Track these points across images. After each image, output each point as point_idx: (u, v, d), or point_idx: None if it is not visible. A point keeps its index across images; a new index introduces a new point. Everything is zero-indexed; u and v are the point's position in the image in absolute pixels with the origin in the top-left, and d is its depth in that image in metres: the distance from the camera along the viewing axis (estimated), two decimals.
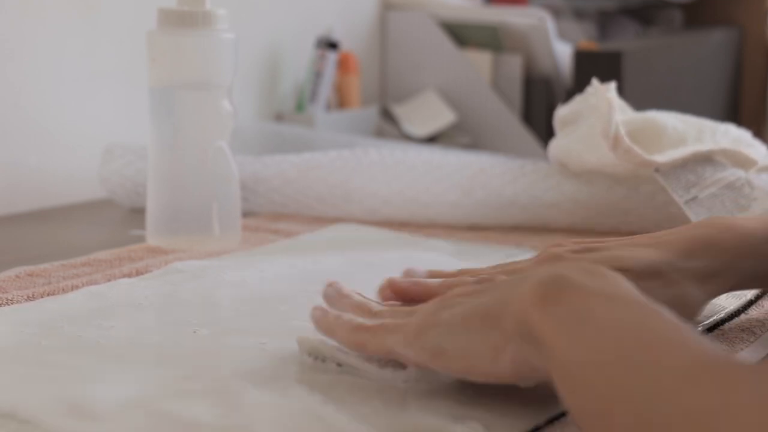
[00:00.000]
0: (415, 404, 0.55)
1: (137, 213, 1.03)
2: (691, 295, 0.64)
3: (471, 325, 0.53)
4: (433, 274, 0.69)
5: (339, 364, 0.59)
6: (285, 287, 0.76)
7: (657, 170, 0.92)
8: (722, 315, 0.71)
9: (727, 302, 0.73)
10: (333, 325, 0.60)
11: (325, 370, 0.59)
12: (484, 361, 0.52)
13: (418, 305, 0.59)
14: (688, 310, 0.64)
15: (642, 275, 0.61)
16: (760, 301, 0.75)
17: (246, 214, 0.99)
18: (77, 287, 0.76)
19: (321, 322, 0.61)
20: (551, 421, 0.54)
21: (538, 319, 0.48)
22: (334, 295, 0.64)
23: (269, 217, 1.02)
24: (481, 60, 1.60)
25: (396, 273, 0.69)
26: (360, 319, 0.59)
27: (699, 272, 0.64)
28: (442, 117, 1.59)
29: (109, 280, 0.78)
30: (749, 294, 0.75)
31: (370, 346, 0.58)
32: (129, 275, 0.80)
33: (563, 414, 0.54)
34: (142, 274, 0.80)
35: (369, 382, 0.58)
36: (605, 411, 0.44)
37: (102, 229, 1.03)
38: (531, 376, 0.52)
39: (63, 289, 0.75)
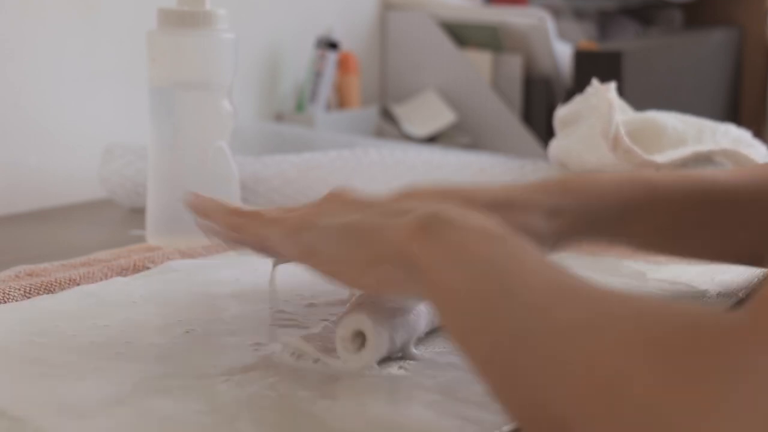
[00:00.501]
0: (405, 400, 0.55)
1: (137, 213, 1.03)
2: (537, 226, 0.66)
3: (347, 236, 0.58)
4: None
5: (315, 361, 0.60)
6: (279, 286, 0.76)
7: (657, 170, 0.92)
8: None
9: (718, 301, 0.74)
10: (209, 207, 0.63)
11: (320, 369, 0.59)
12: (352, 271, 0.57)
13: (297, 207, 0.64)
14: (534, 240, 0.65)
15: (489, 205, 0.64)
16: None
17: None
18: (76, 287, 0.76)
19: (196, 204, 0.64)
20: None
21: (418, 249, 0.53)
22: (200, 202, 0.66)
23: None
24: (481, 60, 1.60)
25: None
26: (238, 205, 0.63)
27: (545, 206, 0.66)
28: (442, 117, 1.59)
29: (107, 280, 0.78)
30: (740, 293, 0.75)
31: (246, 232, 0.62)
32: (126, 274, 0.80)
33: None
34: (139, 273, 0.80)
35: (360, 379, 0.58)
36: (481, 330, 0.48)
37: (102, 229, 1.03)
38: (392, 293, 0.58)
39: (61, 289, 0.75)
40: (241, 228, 0.62)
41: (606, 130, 0.92)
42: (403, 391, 0.57)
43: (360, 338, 0.59)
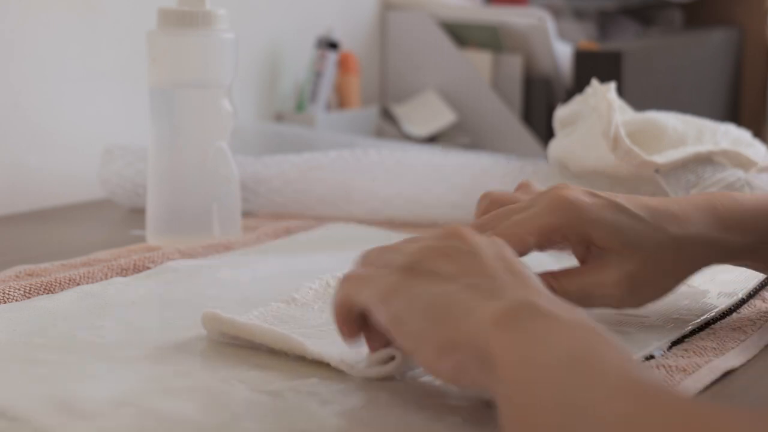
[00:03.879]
0: (402, 401, 0.55)
1: (137, 213, 1.03)
2: (692, 263, 0.67)
3: (431, 313, 0.53)
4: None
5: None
6: (278, 286, 0.76)
7: (657, 171, 0.92)
8: (713, 314, 0.71)
9: (718, 301, 0.74)
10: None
11: (315, 370, 0.60)
12: (428, 352, 0.53)
13: (394, 255, 0.58)
14: (683, 276, 0.68)
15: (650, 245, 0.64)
16: (751, 301, 0.75)
17: (246, 215, 0.99)
18: (76, 287, 0.76)
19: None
20: None
21: (498, 346, 0.49)
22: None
23: (269, 217, 1.02)
24: (481, 60, 1.60)
25: None
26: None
27: (703, 239, 0.67)
28: (442, 117, 1.59)
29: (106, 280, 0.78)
30: (740, 293, 0.75)
31: (342, 296, 0.57)
32: (126, 274, 0.80)
33: None
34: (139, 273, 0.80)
35: (357, 381, 0.58)
36: (539, 424, 0.45)
37: (102, 229, 1.03)
38: (468, 386, 0.53)
39: (61, 289, 0.75)
40: (340, 295, 0.58)
41: (606, 131, 0.92)
42: (404, 393, 0.57)
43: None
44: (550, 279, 0.65)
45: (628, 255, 0.65)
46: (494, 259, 0.56)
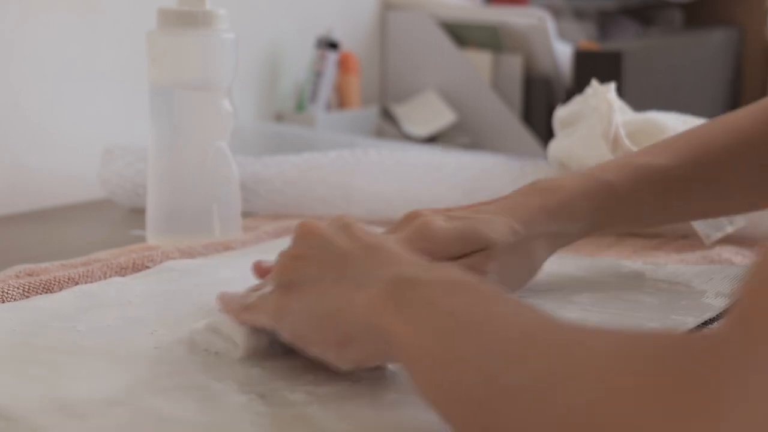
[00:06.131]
0: (399, 403, 0.55)
1: (137, 213, 1.03)
2: (539, 257, 0.73)
3: (317, 320, 0.58)
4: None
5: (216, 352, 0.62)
6: None
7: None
8: (712, 314, 0.71)
9: (716, 301, 0.74)
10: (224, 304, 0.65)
11: (312, 370, 0.60)
12: (330, 353, 0.57)
13: (268, 278, 0.64)
14: (534, 269, 0.74)
15: (504, 250, 0.70)
16: None
17: (246, 215, 0.99)
18: (74, 286, 0.76)
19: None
20: None
21: (388, 323, 0.52)
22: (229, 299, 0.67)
23: (269, 217, 1.02)
24: (481, 60, 1.60)
25: None
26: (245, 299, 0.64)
27: (543, 236, 0.73)
28: (442, 117, 1.59)
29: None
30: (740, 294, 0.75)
31: (249, 322, 0.62)
32: (125, 273, 0.80)
33: None
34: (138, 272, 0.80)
35: (354, 381, 0.58)
36: (454, 388, 0.46)
37: (102, 229, 1.03)
38: (375, 363, 0.58)
39: (60, 288, 0.75)
40: (246, 322, 0.62)
41: (606, 132, 0.92)
42: (401, 395, 0.57)
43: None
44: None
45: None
46: (349, 241, 0.59)
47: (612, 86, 0.97)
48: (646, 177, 0.75)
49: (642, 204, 0.76)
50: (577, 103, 1.00)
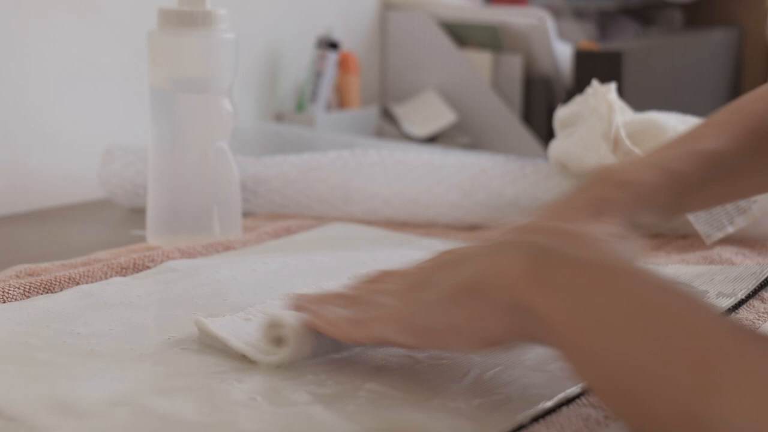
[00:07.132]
0: (402, 402, 0.55)
1: (137, 213, 1.03)
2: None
3: (458, 300, 0.54)
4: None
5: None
6: (277, 286, 0.76)
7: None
8: None
9: (718, 301, 0.74)
10: (323, 326, 0.60)
11: (313, 370, 0.60)
12: (478, 334, 0.53)
13: (387, 285, 0.60)
14: None
15: None
16: (750, 301, 0.75)
17: (246, 215, 0.99)
18: (75, 286, 0.76)
19: (313, 324, 0.61)
20: (536, 419, 0.54)
21: (531, 295, 0.49)
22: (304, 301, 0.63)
23: (269, 217, 1.02)
24: (481, 60, 1.60)
25: None
26: (343, 311, 0.60)
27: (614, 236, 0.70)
28: (442, 117, 1.59)
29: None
30: (740, 294, 0.75)
31: (361, 339, 0.58)
32: (126, 273, 0.80)
33: (550, 412, 0.55)
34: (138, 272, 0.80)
35: (356, 381, 0.58)
36: (625, 389, 0.45)
37: (102, 229, 1.03)
38: (528, 342, 0.53)
39: (60, 288, 0.75)
40: (356, 339, 0.59)
41: (606, 132, 0.92)
42: (401, 394, 0.57)
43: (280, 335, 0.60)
44: None
45: None
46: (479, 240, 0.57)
47: (612, 86, 0.97)
48: (714, 164, 0.74)
49: (711, 191, 0.75)
50: (577, 103, 1.00)
